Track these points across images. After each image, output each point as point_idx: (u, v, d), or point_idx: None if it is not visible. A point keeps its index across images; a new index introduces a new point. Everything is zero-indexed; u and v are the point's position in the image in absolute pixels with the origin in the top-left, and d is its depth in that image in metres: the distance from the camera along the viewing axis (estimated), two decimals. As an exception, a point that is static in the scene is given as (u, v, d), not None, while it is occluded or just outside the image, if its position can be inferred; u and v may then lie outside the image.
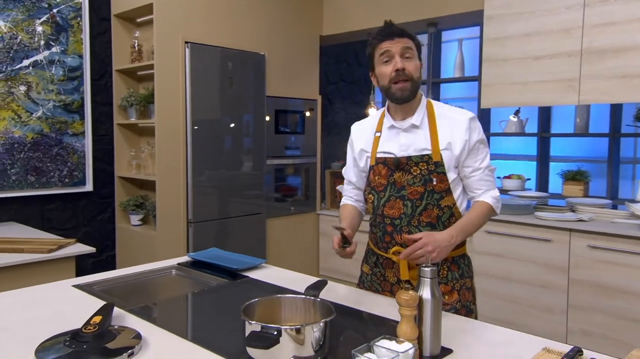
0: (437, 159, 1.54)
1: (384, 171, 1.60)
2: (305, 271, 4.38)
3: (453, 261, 1.59)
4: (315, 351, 1.11)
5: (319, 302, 1.23)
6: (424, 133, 1.57)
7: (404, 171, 1.56)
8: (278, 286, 1.70)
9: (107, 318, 1.27)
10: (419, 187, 1.54)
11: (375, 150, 1.64)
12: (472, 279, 1.63)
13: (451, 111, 1.61)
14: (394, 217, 1.57)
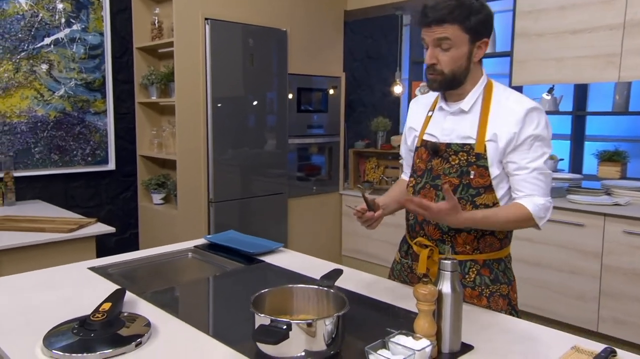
0: (479, 151, 1.39)
1: (424, 155, 1.50)
2: (327, 251, 4.34)
3: (484, 264, 1.44)
4: (327, 345, 1.05)
5: (333, 293, 1.17)
6: (472, 120, 1.42)
7: (443, 158, 1.44)
8: (295, 271, 1.65)
9: (117, 304, 1.24)
10: (454, 179, 1.42)
11: (424, 131, 1.52)
12: (510, 286, 1.47)
13: (510, 98, 1.42)
14: None
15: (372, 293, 1.47)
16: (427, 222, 1.46)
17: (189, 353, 1.10)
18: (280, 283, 1.60)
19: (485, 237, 1.43)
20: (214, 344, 1.14)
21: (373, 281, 1.60)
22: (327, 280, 1.24)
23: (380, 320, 1.31)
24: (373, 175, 4.52)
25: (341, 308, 1.11)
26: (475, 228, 1.40)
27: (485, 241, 1.43)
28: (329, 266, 1.74)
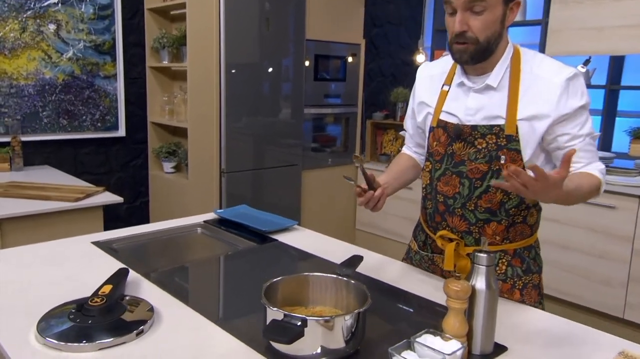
0: (510, 132, 1.23)
1: (443, 138, 1.33)
2: (341, 225, 4.24)
3: (515, 254, 1.31)
4: (346, 342, 0.95)
5: (353, 284, 1.06)
6: (501, 97, 1.25)
7: (467, 142, 1.27)
8: (310, 253, 1.55)
9: (118, 287, 1.15)
10: (481, 165, 1.26)
11: (440, 108, 1.34)
12: (540, 273, 1.36)
13: (542, 66, 1.24)
14: (447, 196, 1.32)
15: (393, 280, 1.36)
16: (450, 212, 1.32)
17: (194, 345, 1.00)
18: (294, 265, 1.50)
19: (516, 226, 1.30)
20: (221, 335, 1.04)
21: (394, 266, 1.49)
22: (346, 268, 1.13)
23: (404, 313, 1.20)
24: (390, 148, 4.37)
25: (362, 301, 1.01)
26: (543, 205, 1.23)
27: (515, 230, 1.30)
28: (346, 247, 1.63)
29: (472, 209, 1.29)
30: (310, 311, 1.02)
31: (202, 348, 0.99)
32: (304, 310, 1.04)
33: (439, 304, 1.21)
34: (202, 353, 0.97)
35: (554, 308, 2.71)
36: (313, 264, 1.48)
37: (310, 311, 1.03)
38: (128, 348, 0.98)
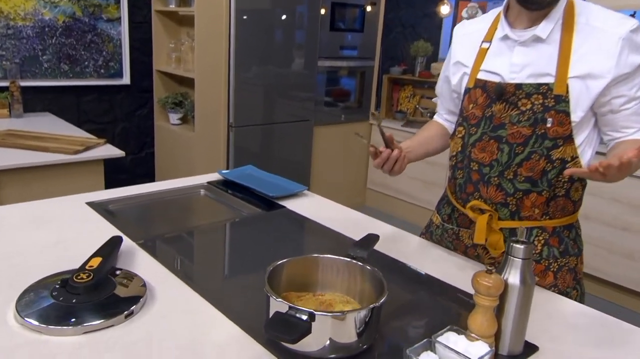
0: (560, 92, 1.09)
1: (481, 99, 1.19)
2: (352, 183, 4.12)
3: (554, 232, 1.19)
4: (358, 337, 0.84)
5: (368, 270, 0.95)
6: (551, 51, 1.10)
7: (509, 103, 1.14)
8: (320, 223, 1.43)
9: (108, 259, 1.04)
10: (524, 129, 1.12)
11: (478, 67, 1.20)
12: (579, 256, 1.23)
13: (600, 17, 1.10)
14: (482, 163, 1.19)
15: (411, 258, 1.24)
16: (484, 182, 1.19)
17: (187, 331, 0.90)
18: (303, 238, 1.39)
19: (557, 199, 1.17)
20: (219, 320, 0.94)
21: (412, 242, 1.37)
22: (360, 249, 1.01)
23: (423, 301, 1.09)
24: (407, 105, 4.18)
25: (378, 289, 0.90)
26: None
27: (557, 204, 1.17)
28: (358, 218, 1.51)
29: (510, 178, 1.16)
30: (319, 300, 0.91)
31: (196, 335, 0.89)
32: (312, 298, 0.93)
33: (462, 290, 1.10)
34: (196, 341, 0.87)
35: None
36: (323, 236, 1.37)
37: (319, 299, 0.92)
38: (115, 332, 0.88)
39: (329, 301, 0.91)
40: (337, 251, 1.23)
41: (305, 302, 0.90)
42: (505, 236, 1.19)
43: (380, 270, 0.94)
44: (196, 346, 0.86)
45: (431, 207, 3.93)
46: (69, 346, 0.84)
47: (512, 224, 1.18)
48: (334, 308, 0.89)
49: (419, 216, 3.85)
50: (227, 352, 0.85)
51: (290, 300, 0.91)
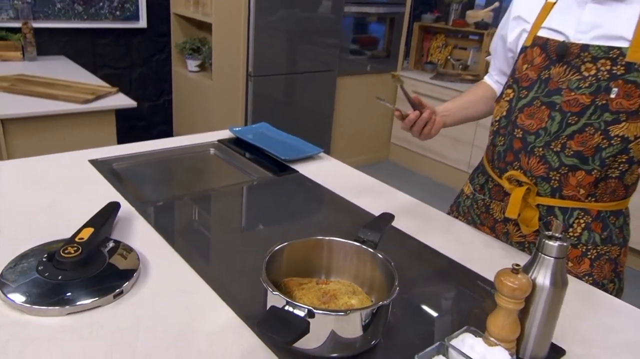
0: (633, 59, 0.94)
1: (539, 59, 1.04)
2: (375, 137, 3.98)
3: (598, 216, 1.07)
4: (363, 333, 0.76)
5: (380, 258, 0.85)
6: (631, 12, 0.95)
7: (570, 66, 1.00)
8: (334, 192, 1.33)
9: (101, 230, 0.97)
10: (583, 97, 0.99)
11: (540, 24, 1.06)
12: (623, 247, 1.11)
13: None
14: (528, 131, 1.06)
15: (432, 237, 1.14)
16: (527, 151, 1.06)
17: (179, 315, 0.83)
18: (314, 208, 1.29)
19: (608, 181, 1.04)
20: (216, 303, 0.87)
21: (435, 217, 1.26)
22: (372, 232, 0.91)
23: (440, 290, 1.00)
24: (438, 55, 3.95)
25: (388, 279, 0.81)
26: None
27: (607, 186, 1.05)
28: (376, 186, 1.40)
29: (557, 150, 1.03)
30: (322, 290, 0.83)
31: (189, 320, 0.82)
32: (315, 287, 0.84)
33: (484, 278, 1.00)
34: (188, 328, 0.80)
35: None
36: (337, 208, 1.27)
37: (323, 288, 0.84)
38: (102, 314, 0.82)
39: (333, 292, 0.82)
40: (350, 226, 1.14)
41: (307, 291, 0.82)
42: (540, 214, 1.08)
43: (395, 250, 0.85)
44: (187, 334, 0.79)
45: (458, 166, 3.80)
46: (50, 329, 0.78)
47: (551, 201, 1.06)
48: (338, 300, 0.80)
49: (443, 174, 3.72)
50: (219, 343, 0.78)
51: (290, 288, 0.83)
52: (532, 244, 1.12)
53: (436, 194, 3.50)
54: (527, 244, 1.13)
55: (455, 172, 3.62)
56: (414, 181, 3.76)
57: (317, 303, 0.79)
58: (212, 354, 0.75)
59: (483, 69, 3.73)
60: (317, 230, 1.15)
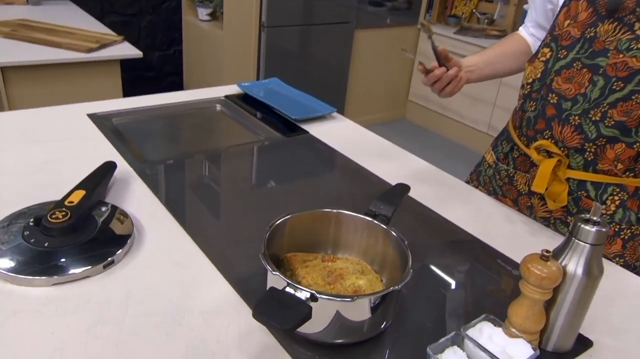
0: None
1: (584, 15, 0.92)
2: (393, 93, 3.83)
3: (635, 193, 0.96)
4: (369, 319, 0.69)
5: (393, 236, 0.77)
6: None
7: (622, 23, 0.87)
8: (346, 156, 1.24)
9: (92, 193, 0.90)
10: (633, 59, 0.86)
11: None
12: None
13: None
14: (565, 96, 0.94)
15: (449, 208, 1.06)
16: (561, 119, 0.95)
17: (173, 290, 0.77)
18: (324, 173, 1.21)
19: None
20: (214, 278, 0.80)
21: (453, 186, 1.18)
22: (384, 205, 0.83)
23: (457, 269, 0.92)
24: (462, 8, 3.73)
25: (402, 258, 0.73)
26: None
27: None
28: (392, 150, 1.31)
29: (596, 119, 0.92)
30: (327, 268, 0.76)
31: (182, 296, 0.76)
32: (320, 265, 0.77)
33: (505, 256, 0.92)
34: (181, 304, 0.74)
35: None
36: (349, 174, 1.19)
37: (328, 267, 0.76)
38: (89, 286, 0.76)
39: (340, 271, 0.75)
40: (362, 195, 1.06)
41: (311, 270, 0.75)
42: (570, 189, 0.99)
43: (408, 221, 0.77)
44: (179, 311, 0.73)
45: (477, 127, 3.66)
46: (33, 301, 0.72)
47: (583, 175, 0.97)
48: (344, 281, 0.73)
49: (461, 134, 3.59)
50: (214, 322, 0.72)
51: (293, 265, 0.76)
52: (558, 220, 1.03)
53: (453, 156, 3.38)
54: (553, 221, 1.04)
55: (474, 133, 3.49)
56: (430, 141, 3.64)
57: (322, 284, 0.72)
58: (205, 335, 0.69)
59: (511, 24, 3.52)
60: (326, 198, 1.08)
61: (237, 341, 0.69)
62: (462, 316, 0.78)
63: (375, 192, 0.86)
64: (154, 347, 0.66)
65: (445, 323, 0.76)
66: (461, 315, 0.78)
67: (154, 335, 0.68)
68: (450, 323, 0.76)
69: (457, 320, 0.77)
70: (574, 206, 1.00)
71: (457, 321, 0.77)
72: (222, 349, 0.67)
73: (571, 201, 0.99)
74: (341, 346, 0.70)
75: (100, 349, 0.66)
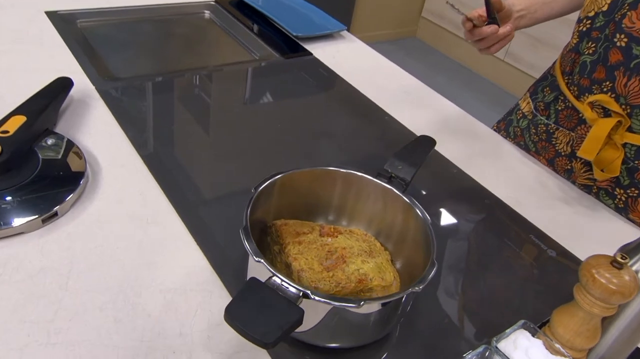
0: None
1: None
2: (404, 9, 3.49)
3: None
4: (375, 322, 0.54)
5: (414, 210, 0.60)
6: None
7: None
8: (354, 87, 1.04)
9: (36, 120, 0.72)
10: None
11: None
12: None
13: None
14: (638, 39, 0.74)
15: (473, 165, 0.88)
16: (630, 68, 0.75)
17: (130, 258, 0.61)
18: (326, 108, 1.01)
19: None
20: (184, 246, 0.64)
21: (478, 134, 0.99)
22: (403, 165, 0.65)
23: (482, 245, 0.76)
24: None
25: (420, 244, 0.57)
26: None
27: None
28: (408, 82, 1.10)
29: None
30: (326, 247, 0.59)
31: (140, 265, 0.60)
32: (317, 241, 0.60)
33: (542, 232, 0.76)
34: (137, 275, 0.58)
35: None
36: (358, 112, 0.99)
37: (327, 245, 0.60)
38: (21, 247, 0.60)
39: (341, 252, 0.59)
40: (374, 143, 0.88)
41: (305, 249, 0.58)
42: (626, 156, 0.81)
43: (427, 179, 0.61)
44: (133, 287, 0.57)
45: (500, 57, 3.37)
46: (-55, 266, 0.56)
47: None
48: (347, 266, 0.57)
49: (479, 62, 3.31)
50: (177, 307, 0.56)
51: (283, 238, 0.59)
52: (603, 191, 0.86)
53: (466, 85, 3.14)
54: (596, 190, 0.87)
55: (496, 63, 3.21)
56: (442, 64, 3.37)
57: (318, 269, 0.56)
58: (165, 324, 0.54)
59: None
60: (328, 145, 0.89)
61: (205, 335, 0.54)
62: (487, 311, 0.64)
63: (390, 141, 0.69)
64: (96, 339, 0.51)
65: (464, 322, 0.62)
66: (486, 311, 0.64)
67: (99, 322, 0.53)
68: (472, 322, 0.62)
69: (480, 319, 0.62)
70: (627, 178, 0.82)
71: (480, 320, 0.62)
72: (184, 345, 0.53)
73: (624, 171, 0.82)
74: (336, 351, 0.55)
75: (26, 339, 0.50)
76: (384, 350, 0.56)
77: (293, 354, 0.54)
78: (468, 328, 0.60)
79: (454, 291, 0.65)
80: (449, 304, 0.63)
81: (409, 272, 0.60)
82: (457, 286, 0.66)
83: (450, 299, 0.64)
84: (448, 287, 0.66)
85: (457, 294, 0.65)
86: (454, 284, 0.66)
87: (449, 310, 0.62)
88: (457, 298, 0.64)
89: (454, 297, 0.64)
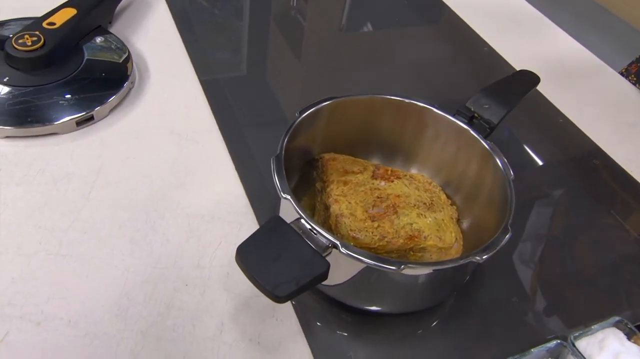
0: None
1: None
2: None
3: None
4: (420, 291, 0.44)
5: (491, 155, 0.48)
6: None
7: None
8: (449, 7, 0.88)
9: (87, 15, 0.66)
10: None
11: None
12: None
13: None
14: None
15: (585, 117, 0.72)
16: None
17: (161, 174, 0.55)
18: (414, 23, 0.87)
19: None
20: (221, 171, 0.57)
21: (601, 78, 0.81)
22: (490, 103, 0.52)
23: (577, 215, 0.62)
24: None
25: (495, 202, 0.46)
26: None
27: None
28: (520, 11, 0.92)
29: None
30: (376, 192, 0.49)
31: (169, 182, 0.54)
32: (369, 183, 0.50)
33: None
34: (164, 194, 0.52)
35: None
36: (450, 37, 0.84)
37: (380, 188, 0.49)
38: (51, 149, 0.55)
39: (394, 200, 0.48)
40: (463, 77, 0.74)
41: (352, 190, 0.48)
42: None
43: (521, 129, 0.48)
44: (158, 207, 0.51)
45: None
46: (-26, 159, 0.54)
47: None
48: (398, 219, 0.47)
49: None
50: (200, 234, 0.50)
51: (328, 176, 0.50)
52: None
53: (592, 19, 2.73)
54: None
55: None
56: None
57: (361, 217, 0.46)
58: (184, 247, 0.48)
59: None
60: (404, 73, 0.76)
61: (224, 271, 0.47)
62: (568, 295, 0.51)
63: (483, 77, 0.55)
64: (107, 258, 0.46)
65: (536, 304, 0.50)
66: (567, 295, 0.51)
67: (114, 241, 0.48)
68: (547, 306, 0.50)
69: (558, 304, 0.50)
70: None
71: (557, 305, 0.50)
72: (199, 279, 0.46)
73: None
74: (374, 315, 0.46)
75: (37, 246, 0.47)
76: (434, 319, 0.47)
77: (323, 308, 0.46)
78: (539, 313, 0.49)
79: (529, 263, 0.53)
80: (521, 278, 0.52)
81: (476, 235, 0.49)
82: (533, 257, 0.54)
83: (523, 272, 0.52)
84: (523, 257, 0.54)
85: (533, 267, 0.53)
86: (530, 254, 0.54)
87: (520, 286, 0.51)
88: (532, 271, 0.52)
89: (528, 270, 0.52)
